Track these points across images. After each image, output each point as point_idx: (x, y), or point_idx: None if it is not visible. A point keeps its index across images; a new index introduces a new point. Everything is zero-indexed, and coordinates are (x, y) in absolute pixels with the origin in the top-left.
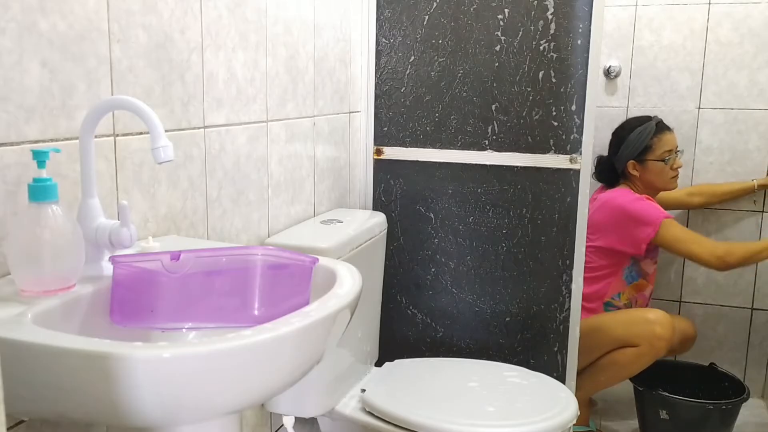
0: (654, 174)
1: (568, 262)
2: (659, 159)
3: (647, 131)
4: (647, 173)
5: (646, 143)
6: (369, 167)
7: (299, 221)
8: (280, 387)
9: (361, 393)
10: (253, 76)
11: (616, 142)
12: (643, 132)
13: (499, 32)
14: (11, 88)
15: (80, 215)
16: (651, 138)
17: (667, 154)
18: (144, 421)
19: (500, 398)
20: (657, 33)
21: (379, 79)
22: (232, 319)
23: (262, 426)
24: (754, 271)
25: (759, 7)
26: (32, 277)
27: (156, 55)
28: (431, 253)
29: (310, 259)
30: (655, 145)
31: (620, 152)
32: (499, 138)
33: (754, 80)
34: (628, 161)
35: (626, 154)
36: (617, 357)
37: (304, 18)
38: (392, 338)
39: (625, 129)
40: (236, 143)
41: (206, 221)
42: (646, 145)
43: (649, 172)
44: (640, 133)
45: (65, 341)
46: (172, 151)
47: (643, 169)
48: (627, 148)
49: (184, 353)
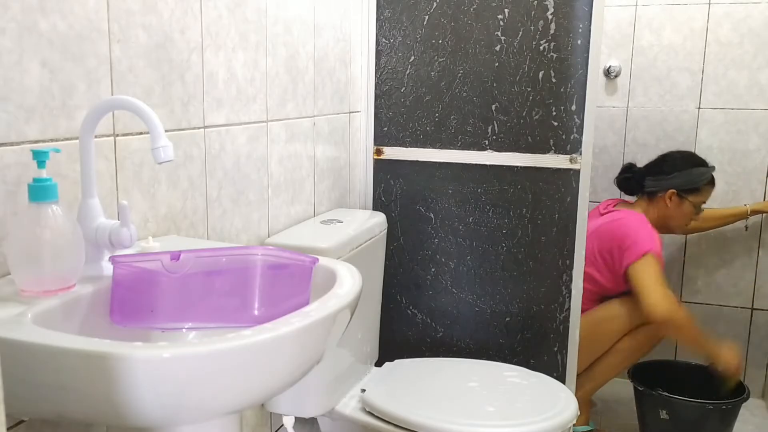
0: (680, 213)
1: (568, 262)
2: (696, 205)
3: (706, 176)
4: (677, 209)
5: (700, 185)
6: (369, 167)
7: (299, 221)
8: (280, 387)
9: (361, 393)
10: (253, 76)
11: (667, 164)
12: (704, 174)
13: (499, 32)
14: (11, 88)
15: (80, 215)
16: (705, 184)
17: (701, 204)
18: (144, 421)
19: (500, 398)
20: (657, 33)
21: (379, 79)
22: (232, 319)
23: (262, 426)
24: (754, 271)
25: (759, 7)
26: (32, 277)
27: (156, 55)
28: (431, 253)
29: (310, 259)
30: (702, 192)
31: (667, 176)
32: (499, 138)
33: (754, 80)
34: (671, 189)
35: (676, 182)
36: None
37: (304, 18)
38: (392, 338)
39: (686, 160)
40: (236, 143)
41: (206, 221)
42: (698, 186)
43: (679, 210)
44: (702, 173)
45: (65, 341)
46: (172, 151)
47: (677, 204)
48: (680, 178)
49: (184, 353)
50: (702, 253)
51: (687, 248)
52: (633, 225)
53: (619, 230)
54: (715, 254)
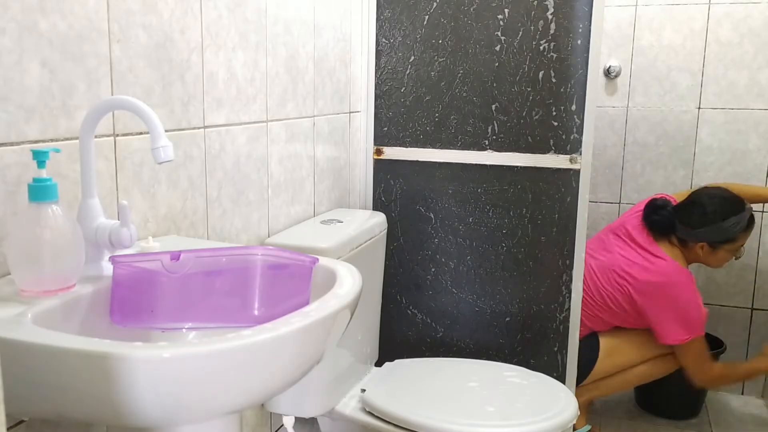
0: (714, 260)
1: (568, 262)
2: (731, 252)
3: (741, 225)
4: (711, 257)
5: (735, 236)
6: (369, 167)
7: (299, 221)
8: (280, 387)
9: (361, 393)
10: (253, 76)
11: (695, 216)
12: (737, 224)
13: (499, 32)
14: (11, 88)
15: (80, 215)
16: (741, 232)
17: (740, 246)
18: (144, 421)
19: (500, 398)
20: (657, 33)
21: (379, 79)
22: (232, 319)
23: (262, 426)
24: (754, 271)
25: (759, 7)
26: (32, 277)
27: (156, 55)
28: (431, 253)
29: (310, 259)
30: (739, 238)
31: (699, 229)
32: (499, 138)
33: (754, 80)
34: (702, 242)
35: (706, 236)
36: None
37: (304, 18)
38: (392, 338)
39: (718, 211)
40: (236, 143)
41: (206, 221)
42: (731, 237)
43: (714, 257)
44: (734, 225)
45: (65, 341)
46: (172, 151)
47: (709, 253)
48: (711, 233)
49: (184, 353)
50: None
51: None
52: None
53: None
54: None
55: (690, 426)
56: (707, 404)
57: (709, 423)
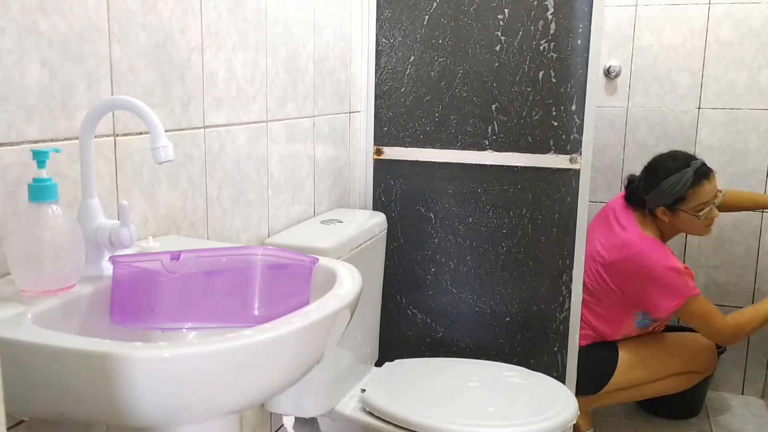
0: (684, 224)
1: (568, 262)
2: (692, 212)
3: (682, 182)
4: (677, 221)
5: (680, 194)
6: (369, 167)
7: (299, 221)
8: (280, 387)
9: (361, 393)
10: (253, 76)
11: (647, 178)
12: (677, 183)
13: (499, 32)
14: (11, 88)
15: (80, 215)
16: (686, 189)
17: (702, 206)
18: (144, 421)
19: (500, 398)
20: (657, 33)
21: (379, 79)
22: (232, 319)
23: (262, 426)
24: (754, 271)
25: (759, 7)
26: (32, 277)
27: (156, 55)
28: (431, 253)
29: (310, 259)
30: (689, 197)
31: (648, 196)
32: (499, 138)
33: (754, 80)
34: (658, 207)
35: (657, 199)
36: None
37: (304, 18)
38: (392, 338)
39: (659, 171)
40: (236, 143)
41: (206, 221)
42: (679, 196)
43: (680, 221)
44: (673, 184)
45: (65, 341)
46: (172, 151)
47: (673, 217)
48: (658, 195)
49: (184, 353)
50: (702, 253)
51: (687, 248)
52: (654, 267)
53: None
54: (715, 254)
55: (690, 426)
56: (707, 404)
57: (709, 423)
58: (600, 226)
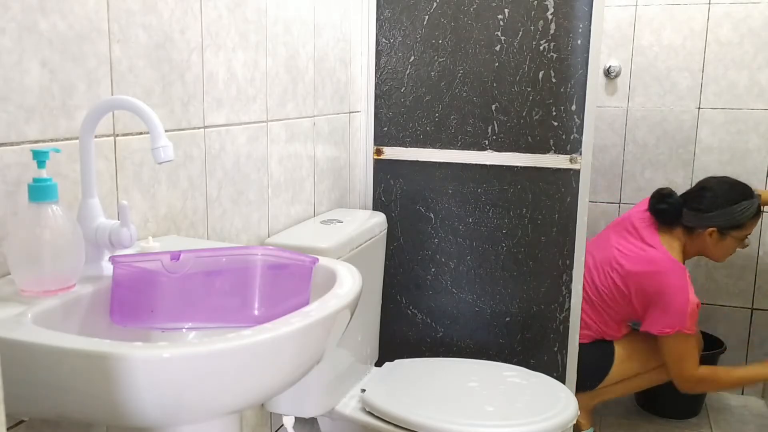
0: (722, 249)
1: (568, 262)
2: (738, 239)
3: (750, 210)
4: (718, 245)
5: (743, 221)
6: (369, 167)
7: (299, 221)
8: (280, 387)
9: (361, 393)
10: (253, 76)
11: (706, 200)
12: (748, 209)
13: (499, 32)
14: (11, 88)
15: (80, 215)
16: (750, 218)
17: (746, 236)
18: (144, 421)
19: (500, 398)
20: (657, 33)
21: (379, 79)
22: (232, 319)
23: (262, 426)
24: (754, 271)
25: (759, 7)
26: (32, 277)
27: (156, 55)
28: (431, 253)
29: (310, 259)
30: (747, 225)
31: (710, 212)
32: (499, 138)
33: (754, 80)
34: (711, 228)
35: (717, 220)
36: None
37: (304, 18)
38: (392, 338)
39: (728, 195)
40: (236, 143)
41: (206, 221)
42: (741, 222)
43: (720, 245)
44: (745, 209)
45: (65, 341)
46: (172, 151)
47: (717, 240)
48: (721, 218)
49: (184, 353)
50: None
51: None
52: (669, 290)
53: (652, 290)
54: None
55: (690, 426)
56: (707, 404)
57: (709, 423)
58: (617, 236)
